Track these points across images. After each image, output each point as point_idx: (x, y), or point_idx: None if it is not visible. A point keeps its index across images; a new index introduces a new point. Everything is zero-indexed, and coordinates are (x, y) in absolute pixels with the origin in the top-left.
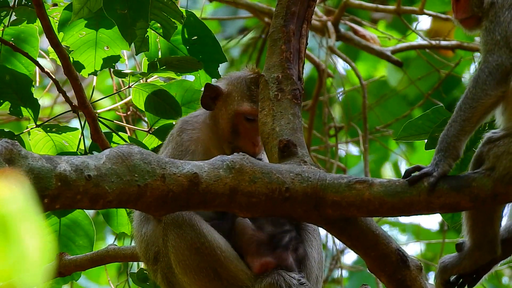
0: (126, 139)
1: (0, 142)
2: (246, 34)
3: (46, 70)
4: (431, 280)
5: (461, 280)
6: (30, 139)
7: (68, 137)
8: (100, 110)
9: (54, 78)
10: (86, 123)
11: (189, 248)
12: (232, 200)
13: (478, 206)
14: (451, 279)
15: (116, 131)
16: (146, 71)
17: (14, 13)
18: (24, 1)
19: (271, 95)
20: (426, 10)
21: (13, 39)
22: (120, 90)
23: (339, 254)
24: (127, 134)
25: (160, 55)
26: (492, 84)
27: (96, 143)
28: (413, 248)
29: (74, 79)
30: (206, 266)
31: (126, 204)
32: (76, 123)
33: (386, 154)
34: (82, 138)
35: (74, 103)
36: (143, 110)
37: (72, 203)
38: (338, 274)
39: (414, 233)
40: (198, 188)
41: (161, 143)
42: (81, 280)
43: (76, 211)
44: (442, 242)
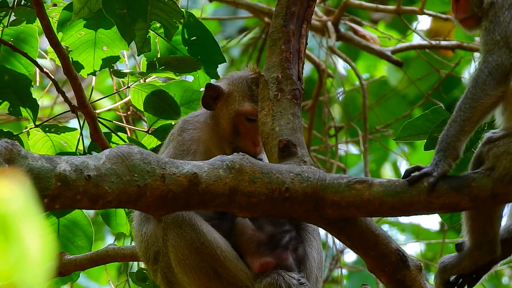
0: (125, 139)
1: (0, 142)
2: (247, 34)
3: (45, 70)
4: (431, 280)
5: (460, 280)
6: (29, 139)
7: (67, 137)
8: (99, 110)
9: (53, 78)
10: (85, 123)
11: (189, 247)
12: (232, 200)
13: (478, 206)
14: (451, 279)
15: (114, 131)
16: (145, 71)
17: (13, 13)
18: (23, 1)
19: (271, 95)
20: (426, 10)
21: (12, 39)
22: (119, 90)
23: (339, 254)
24: (126, 134)
25: (159, 56)
26: (492, 84)
27: (95, 143)
28: (413, 248)
29: (73, 79)
30: (206, 265)
31: (126, 204)
32: (75, 123)
33: (386, 154)
34: (81, 138)
35: (73, 103)
36: (142, 110)
37: (72, 203)
38: (338, 274)
39: (414, 233)
40: (197, 188)
41: (160, 143)
42: (81, 279)
43: (75, 212)
44: (442, 242)
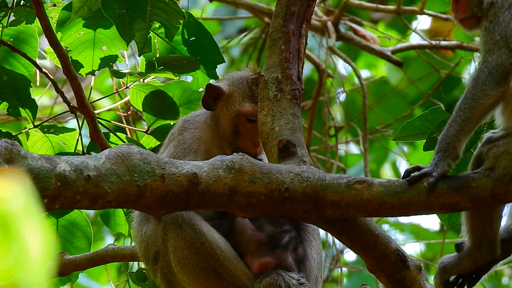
0: (124, 139)
1: (0, 142)
2: (247, 34)
3: (44, 70)
4: (431, 280)
5: (460, 280)
6: (27, 140)
7: (65, 137)
8: (99, 110)
9: (52, 78)
10: (84, 124)
11: (189, 247)
12: (231, 200)
13: (478, 206)
14: (451, 279)
15: (113, 131)
16: (144, 71)
17: (12, 13)
18: (22, 1)
19: (271, 95)
20: (426, 10)
21: (12, 40)
22: (118, 91)
23: (339, 254)
24: (126, 135)
25: (157, 56)
26: (491, 84)
27: (94, 144)
28: (412, 248)
29: (73, 79)
30: (205, 265)
31: (125, 204)
32: (75, 124)
33: (386, 154)
34: (80, 139)
35: (73, 104)
36: (141, 110)
37: (71, 203)
38: (338, 274)
39: (413, 233)
40: (197, 188)
41: (159, 144)
42: (82, 279)
43: (73, 213)
44: (442, 242)
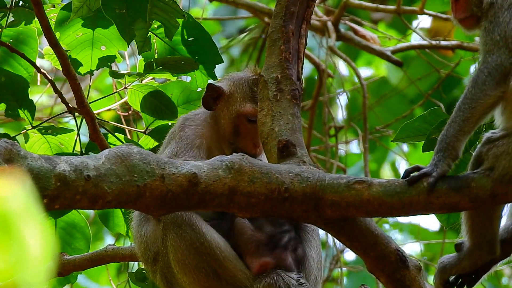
0: (122, 140)
1: None
2: (249, 32)
3: (43, 71)
4: (431, 280)
5: (460, 280)
6: (26, 141)
7: (64, 138)
8: (98, 111)
9: (50, 79)
10: (82, 124)
11: (188, 248)
12: (231, 200)
13: (478, 206)
14: (450, 279)
15: (112, 132)
16: (142, 72)
17: (11, 14)
18: (21, 2)
19: (270, 95)
20: (426, 10)
21: (12, 41)
22: (116, 91)
23: (339, 254)
24: (124, 135)
25: (156, 56)
26: (491, 84)
27: (93, 144)
28: (412, 248)
29: (72, 79)
30: (205, 266)
31: (125, 204)
32: (74, 124)
33: (386, 154)
34: (78, 139)
35: (72, 104)
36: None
37: (71, 203)
38: (338, 274)
39: (413, 233)
40: (197, 188)
41: (157, 144)
42: (81, 279)
43: (72, 214)
44: (441, 242)
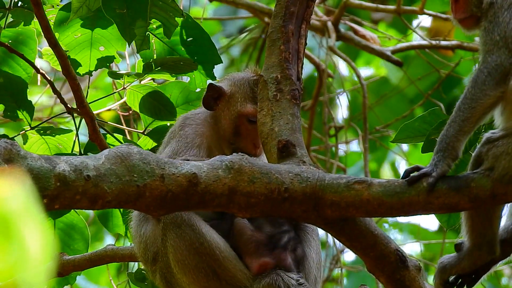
0: (121, 140)
1: None
2: (250, 32)
3: (42, 71)
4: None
5: (460, 280)
6: (24, 142)
7: (62, 139)
8: (98, 111)
9: (49, 79)
10: (81, 125)
11: (188, 248)
12: (231, 200)
13: (477, 207)
14: (450, 279)
15: (110, 133)
16: (141, 72)
17: (10, 15)
18: (20, 2)
19: (270, 95)
20: (426, 10)
21: (11, 41)
22: (115, 92)
23: (339, 254)
24: (122, 136)
25: (155, 57)
26: (491, 84)
27: (91, 145)
28: (412, 248)
29: (72, 79)
30: (204, 266)
31: (125, 204)
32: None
33: (386, 154)
34: (77, 140)
35: (72, 104)
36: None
37: (71, 203)
38: (338, 274)
39: (413, 233)
40: (197, 188)
41: (155, 145)
42: (81, 281)
43: (71, 215)
44: (441, 242)
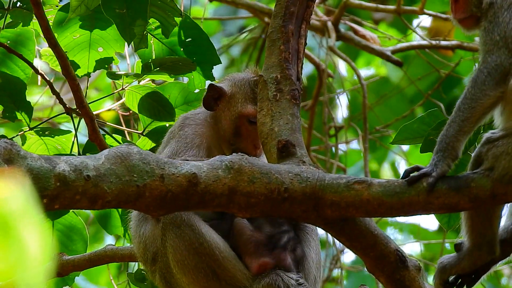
0: (120, 141)
1: None
2: (250, 31)
3: (41, 72)
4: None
5: (460, 280)
6: (23, 143)
7: (61, 140)
8: (98, 111)
9: (48, 80)
10: (80, 126)
11: (187, 248)
12: (231, 200)
13: (477, 207)
14: (450, 279)
15: (109, 133)
16: (140, 73)
17: (9, 15)
18: (19, 3)
19: (270, 96)
20: (426, 10)
21: (9, 42)
22: (114, 92)
23: (339, 254)
24: (121, 136)
25: (154, 57)
26: (491, 84)
27: (90, 145)
28: (412, 248)
29: (72, 79)
30: (204, 266)
31: (125, 204)
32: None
33: (386, 154)
34: (75, 141)
35: (71, 105)
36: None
37: (71, 203)
38: (338, 274)
39: (413, 233)
40: (197, 188)
41: (154, 145)
42: (80, 281)
43: (69, 216)
44: (441, 242)
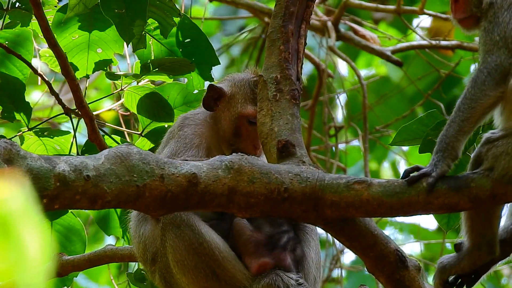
0: (119, 142)
1: None
2: (250, 31)
3: (40, 72)
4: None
5: (459, 280)
6: (21, 143)
7: (60, 141)
8: (98, 112)
9: (47, 80)
10: (79, 126)
11: (187, 248)
12: (230, 200)
13: (477, 207)
14: (450, 279)
15: (108, 133)
16: (139, 73)
17: (7, 16)
18: (18, 3)
19: (270, 96)
20: (426, 10)
21: (8, 43)
22: (113, 93)
23: (339, 254)
24: (122, 137)
25: (153, 58)
26: (491, 84)
27: (90, 146)
28: (412, 248)
29: (71, 79)
30: (204, 266)
31: (125, 204)
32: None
33: (387, 154)
34: (74, 141)
35: (69, 105)
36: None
37: (71, 203)
38: (338, 274)
39: (413, 233)
40: (196, 188)
41: (153, 146)
42: (80, 279)
43: (68, 217)
44: (441, 242)
